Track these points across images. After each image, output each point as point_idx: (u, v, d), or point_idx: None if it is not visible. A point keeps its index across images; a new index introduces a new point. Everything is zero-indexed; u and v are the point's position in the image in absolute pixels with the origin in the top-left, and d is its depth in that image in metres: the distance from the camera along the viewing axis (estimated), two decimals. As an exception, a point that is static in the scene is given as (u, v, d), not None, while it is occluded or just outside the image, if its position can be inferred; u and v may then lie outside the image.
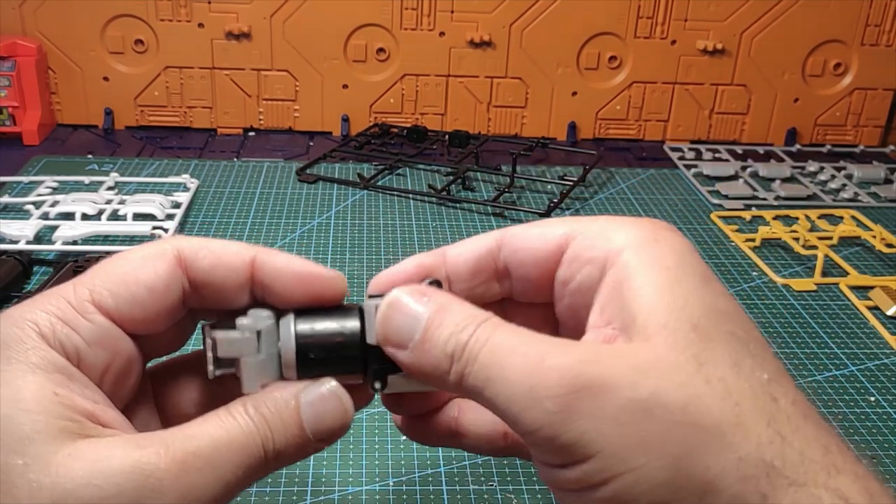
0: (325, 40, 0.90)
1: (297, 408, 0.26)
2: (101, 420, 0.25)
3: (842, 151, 0.96)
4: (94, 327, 0.26)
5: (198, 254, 0.27)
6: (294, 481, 0.43)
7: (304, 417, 0.26)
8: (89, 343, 0.26)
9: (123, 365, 0.27)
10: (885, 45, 0.94)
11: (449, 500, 0.42)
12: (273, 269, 0.27)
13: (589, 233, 0.27)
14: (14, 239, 0.63)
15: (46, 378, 0.24)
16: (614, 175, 0.85)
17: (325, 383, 0.27)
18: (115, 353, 0.27)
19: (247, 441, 0.25)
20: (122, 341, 0.27)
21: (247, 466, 0.25)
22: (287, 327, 0.27)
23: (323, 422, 0.26)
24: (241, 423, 0.25)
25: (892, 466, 0.46)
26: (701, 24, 0.92)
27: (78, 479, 0.22)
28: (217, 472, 0.24)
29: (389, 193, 0.78)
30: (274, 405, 0.26)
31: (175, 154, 0.86)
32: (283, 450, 0.25)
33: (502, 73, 0.93)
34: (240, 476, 0.25)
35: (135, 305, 0.27)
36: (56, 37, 0.88)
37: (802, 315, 0.60)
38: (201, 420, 0.25)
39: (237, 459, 0.25)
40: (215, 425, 0.25)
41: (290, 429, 0.26)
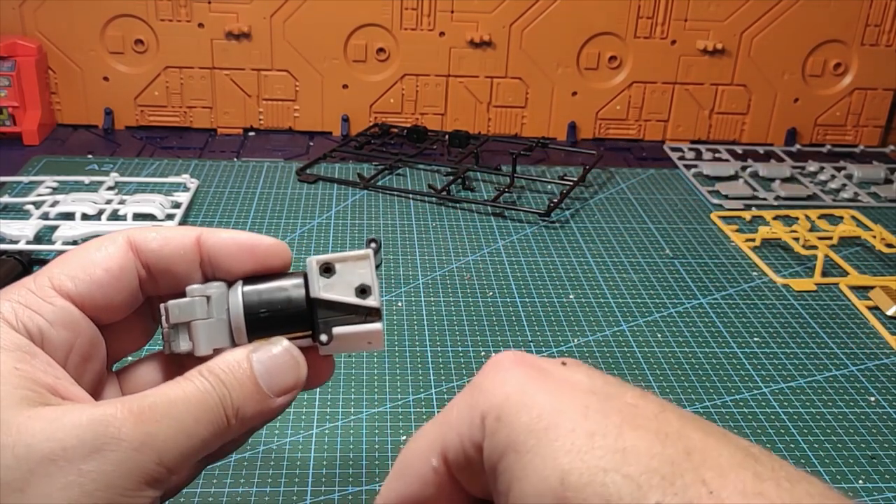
0: (325, 40, 0.90)
1: (249, 366, 0.27)
2: (62, 394, 0.25)
3: (842, 151, 0.96)
4: (55, 309, 0.27)
5: (146, 236, 0.29)
6: (294, 481, 0.43)
7: (257, 374, 0.27)
8: (52, 324, 0.27)
9: (86, 346, 0.28)
10: (885, 45, 0.94)
11: (449, 500, 0.42)
12: (217, 242, 0.29)
13: None
14: (14, 239, 0.63)
15: (7, 355, 0.25)
16: (614, 175, 0.85)
17: (275, 342, 0.28)
18: (77, 334, 0.28)
19: (203, 399, 0.26)
20: (84, 323, 0.28)
21: (208, 423, 0.26)
22: (235, 291, 0.29)
23: (277, 377, 0.28)
24: (196, 384, 0.26)
25: (892, 466, 0.46)
26: (701, 24, 0.92)
27: (38, 434, 0.23)
28: (177, 423, 0.25)
29: (389, 193, 0.78)
30: (227, 365, 0.27)
31: (175, 154, 0.86)
32: (242, 407, 0.27)
33: (502, 73, 0.93)
34: (203, 433, 0.26)
35: (93, 286, 0.28)
36: (56, 37, 0.88)
37: (802, 315, 0.60)
38: (161, 386, 0.26)
39: (196, 415, 0.26)
40: (171, 387, 0.26)
41: (246, 385, 0.27)
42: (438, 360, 0.53)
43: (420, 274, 0.64)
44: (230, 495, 0.41)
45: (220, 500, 0.41)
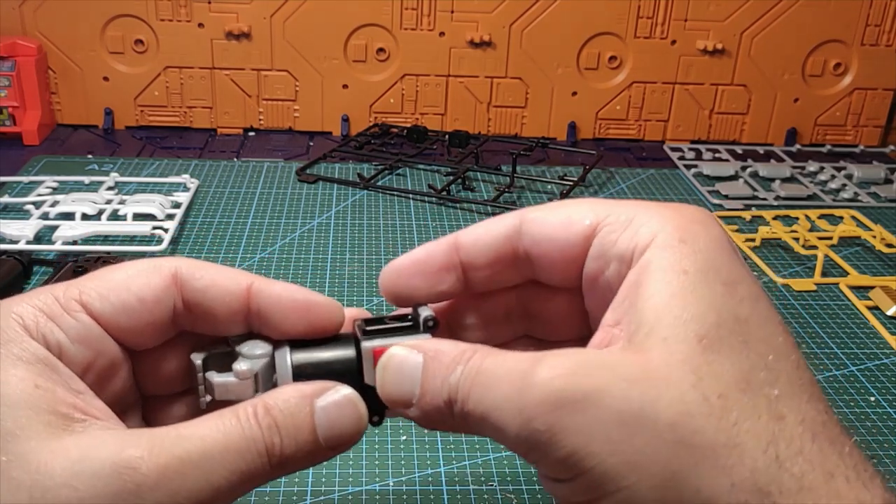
0: (325, 40, 0.90)
1: (311, 412, 0.25)
2: (85, 410, 0.24)
3: (842, 151, 0.96)
4: (77, 325, 0.26)
5: (194, 273, 0.27)
6: (294, 481, 0.43)
7: (317, 422, 0.25)
8: (72, 339, 0.26)
9: (106, 366, 0.27)
10: (885, 45, 0.94)
11: (449, 500, 0.42)
12: (270, 297, 0.27)
13: (616, 224, 0.26)
14: (14, 239, 0.63)
15: (27, 369, 0.24)
16: (614, 175, 0.85)
17: (342, 389, 0.26)
18: (98, 353, 0.26)
19: (246, 446, 0.24)
20: (106, 343, 0.27)
21: (243, 472, 0.24)
22: (283, 360, 0.27)
23: (337, 429, 0.25)
24: (243, 427, 0.24)
25: (892, 466, 0.46)
26: (701, 24, 0.92)
27: (57, 478, 0.22)
28: (206, 476, 0.23)
29: (389, 193, 0.78)
30: (287, 408, 0.25)
31: (175, 154, 0.86)
32: (291, 456, 0.25)
33: (502, 73, 0.93)
34: (234, 482, 0.24)
35: (122, 311, 0.26)
36: (56, 37, 0.88)
37: (802, 315, 0.60)
38: (201, 419, 0.24)
39: (232, 465, 0.24)
40: (213, 427, 0.24)
41: (302, 434, 0.25)
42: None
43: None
44: (230, 495, 0.41)
45: (220, 500, 0.41)
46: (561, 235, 0.27)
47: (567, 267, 0.28)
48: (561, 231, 0.27)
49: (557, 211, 0.27)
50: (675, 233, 0.25)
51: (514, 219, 0.28)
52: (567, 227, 0.27)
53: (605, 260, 0.26)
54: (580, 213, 0.27)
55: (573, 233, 0.27)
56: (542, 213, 0.28)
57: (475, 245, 0.28)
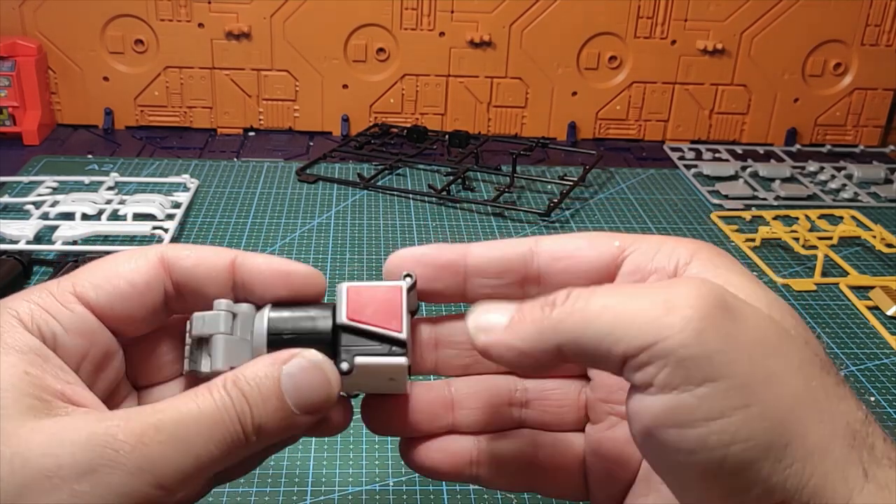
0: (325, 40, 0.90)
1: (276, 379, 0.26)
2: (72, 399, 0.25)
3: (842, 151, 0.96)
4: (72, 315, 0.27)
5: (179, 254, 0.28)
6: (294, 481, 0.43)
7: (284, 389, 0.26)
8: (67, 330, 0.26)
9: (101, 356, 0.27)
10: (885, 45, 0.94)
11: (449, 500, 0.42)
12: (253, 267, 0.28)
13: (647, 248, 0.27)
14: (14, 239, 0.63)
15: (19, 358, 0.24)
16: (614, 175, 0.85)
17: (307, 353, 0.26)
18: (93, 343, 0.27)
19: (219, 416, 0.24)
20: (101, 332, 0.27)
21: (220, 441, 0.24)
22: (261, 313, 0.28)
23: (305, 393, 0.26)
24: (215, 398, 0.25)
25: (892, 466, 0.46)
26: (701, 24, 0.92)
27: (35, 447, 0.23)
28: (183, 445, 0.24)
29: (389, 193, 0.78)
30: (253, 378, 0.25)
31: (175, 154, 0.86)
32: (264, 424, 0.25)
33: (502, 73, 0.93)
34: (213, 451, 0.24)
35: (115, 297, 0.27)
36: (56, 37, 0.88)
37: (802, 315, 0.60)
38: (177, 396, 0.25)
39: (208, 434, 0.24)
40: (187, 401, 0.25)
41: (270, 402, 0.25)
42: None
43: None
44: (230, 495, 0.41)
45: (220, 500, 0.41)
46: (588, 253, 0.28)
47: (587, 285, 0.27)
48: (588, 250, 0.28)
49: (578, 237, 0.28)
50: (711, 253, 0.26)
51: (530, 241, 0.29)
52: (593, 247, 0.28)
53: (640, 275, 0.27)
54: (605, 237, 0.28)
55: (602, 252, 0.27)
56: (560, 238, 0.29)
57: (486, 254, 0.29)
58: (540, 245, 0.28)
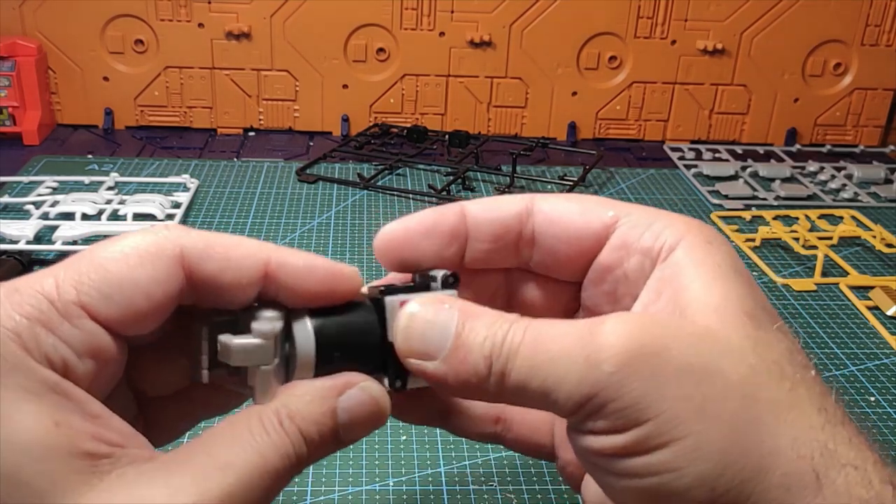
0: (325, 40, 0.90)
1: (333, 415, 0.24)
2: (107, 439, 0.22)
3: (842, 151, 0.96)
4: (82, 335, 0.23)
5: (202, 255, 0.24)
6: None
7: (340, 423, 0.24)
8: (78, 354, 0.22)
9: (113, 371, 0.24)
10: (885, 45, 0.94)
11: (449, 500, 0.42)
12: (293, 272, 0.25)
13: (638, 222, 0.27)
14: (14, 239, 0.63)
15: (40, 404, 0.21)
16: (614, 175, 0.85)
17: (363, 385, 0.25)
18: (105, 363, 0.24)
19: (281, 461, 0.23)
20: (111, 347, 0.24)
21: (280, 482, 0.23)
22: (304, 327, 0.25)
23: (359, 428, 0.25)
24: (274, 440, 0.23)
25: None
26: (701, 24, 0.92)
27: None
28: (253, 499, 0.22)
29: (389, 193, 0.78)
30: (310, 414, 0.23)
31: (175, 154, 0.86)
32: (314, 458, 0.24)
33: (502, 73, 0.93)
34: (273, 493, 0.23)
35: (128, 312, 0.23)
36: (56, 37, 0.88)
37: (802, 315, 0.60)
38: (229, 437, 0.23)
39: (271, 481, 0.23)
40: (247, 447, 0.22)
41: (326, 438, 0.24)
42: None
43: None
44: (230, 495, 0.41)
45: (220, 500, 0.41)
46: (578, 221, 0.27)
47: (576, 253, 0.28)
48: (578, 217, 0.27)
49: (574, 200, 0.28)
50: (701, 235, 0.26)
51: (526, 199, 0.28)
52: (585, 214, 0.27)
53: (626, 251, 0.26)
54: (600, 205, 0.27)
55: (592, 221, 0.27)
56: (557, 200, 0.28)
57: (484, 215, 0.28)
58: (536, 205, 0.28)
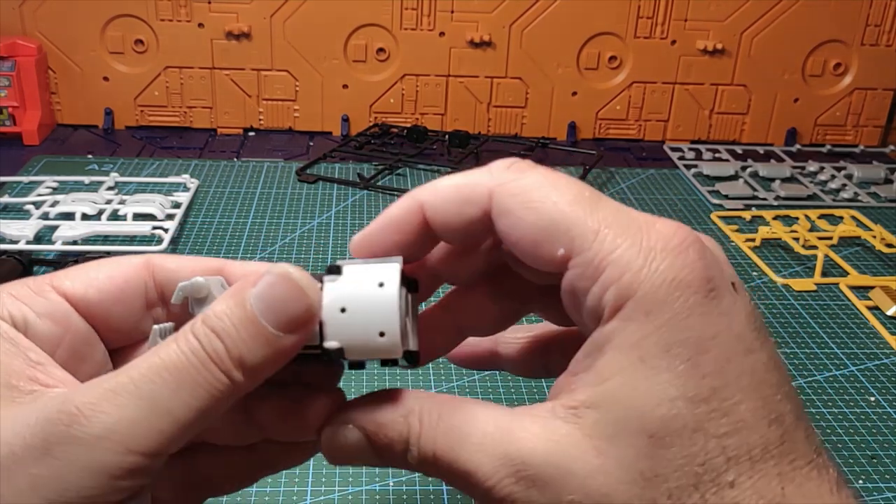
0: (325, 40, 0.90)
1: (245, 303, 0.23)
2: (40, 380, 0.24)
3: (842, 151, 0.96)
4: (45, 302, 0.26)
5: (166, 259, 0.28)
6: (294, 481, 0.43)
7: (257, 311, 0.23)
8: (39, 315, 0.26)
9: (79, 343, 0.27)
10: (885, 45, 0.94)
11: (449, 500, 0.42)
12: (242, 274, 0.28)
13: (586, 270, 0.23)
14: (14, 239, 0.63)
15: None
16: (614, 175, 0.85)
17: (276, 268, 0.24)
18: (67, 329, 0.26)
19: (188, 361, 0.22)
20: (76, 320, 0.27)
21: (196, 388, 0.22)
22: None
23: (280, 309, 0.23)
24: (180, 345, 0.23)
25: (892, 466, 0.46)
26: (701, 24, 0.92)
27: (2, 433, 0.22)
28: (149, 403, 0.22)
29: (389, 193, 0.78)
30: (221, 310, 0.23)
31: (175, 154, 0.86)
32: (245, 356, 0.23)
33: (502, 73, 0.93)
34: (191, 402, 0.22)
35: (90, 289, 0.27)
36: (56, 37, 0.88)
37: (802, 315, 0.60)
38: (137, 359, 0.23)
39: (177, 384, 0.22)
40: (149, 356, 0.23)
41: (245, 329, 0.23)
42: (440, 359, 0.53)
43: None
44: (230, 495, 0.41)
45: (219, 500, 0.41)
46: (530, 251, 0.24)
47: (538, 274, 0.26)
48: (531, 247, 0.24)
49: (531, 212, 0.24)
50: (643, 302, 0.22)
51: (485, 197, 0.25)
52: (537, 245, 0.24)
53: (577, 302, 0.24)
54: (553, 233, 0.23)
55: (544, 256, 0.24)
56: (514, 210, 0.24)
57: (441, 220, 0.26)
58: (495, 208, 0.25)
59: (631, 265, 0.22)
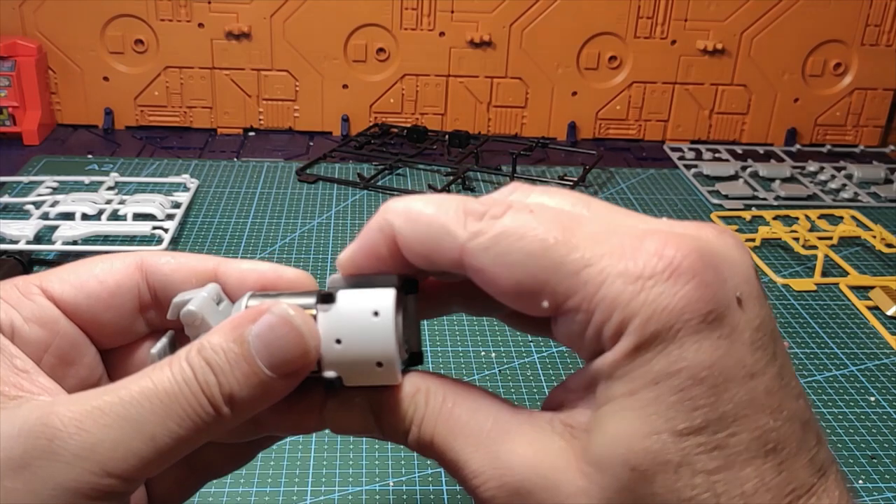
0: (325, 40, 0.90)
1: (242, 340, 0.23)
2: (23, 388, 0.23)
3: (842, 151, 0.96)
4: (32, 305, 0.26)
5: (159, 259, 0.27)
6: (294, 481, 0.43)
7: (254, 350, 0.23)
8: (26, 319, 0.25)
9: (66, 348, 0.26)
10: (885, 45, 0.94)
11: (449, 500, 0.42)
12: (237, 273, 0.27)
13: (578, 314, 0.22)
14: (14, 239, 0.63)
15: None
16: (614, 175, 0.85)
17: (275, 308, 0.23)
18: (55, 334, 0.26)
19: (178, 389, 0.22)
20: (64, 324, 0.26)
21: (182, 417, 0.22)
22: (240, 301, 0.26)
23: (277, 352, 0.23)
24: (174, 371, 0.22)
25: (892, 466, 0.46)
26: (701, 24, 0.92)
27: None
28: (133, 426, 0.22)
29: (389, 193, 0.78)
30: (219, 342, 0.23)
31: (175, 154, 0.86)
32: (236, 393, 0.23)
33: (502, 73, 0.93)
34: (175, 430, 0.22)
35: (80, 293, 0.26)
36: (56, 37, 0.88)
37: (802, 315, 0.60)
38: (127, 378, 0.23)
39: (164, 411, 0.22)
40: (140, 377, 0.23)
41: (239, 366, 0.23)
42: (439, 359, 0.53)
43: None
44: (230, 495, 0.41)
45: (220, 500, 0.41)
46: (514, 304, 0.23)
47: None
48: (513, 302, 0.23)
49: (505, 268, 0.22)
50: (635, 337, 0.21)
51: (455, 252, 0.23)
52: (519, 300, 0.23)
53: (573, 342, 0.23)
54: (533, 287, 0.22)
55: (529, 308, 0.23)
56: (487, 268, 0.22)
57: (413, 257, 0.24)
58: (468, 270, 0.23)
59: (619, 300, 0.21)
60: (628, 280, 0.21)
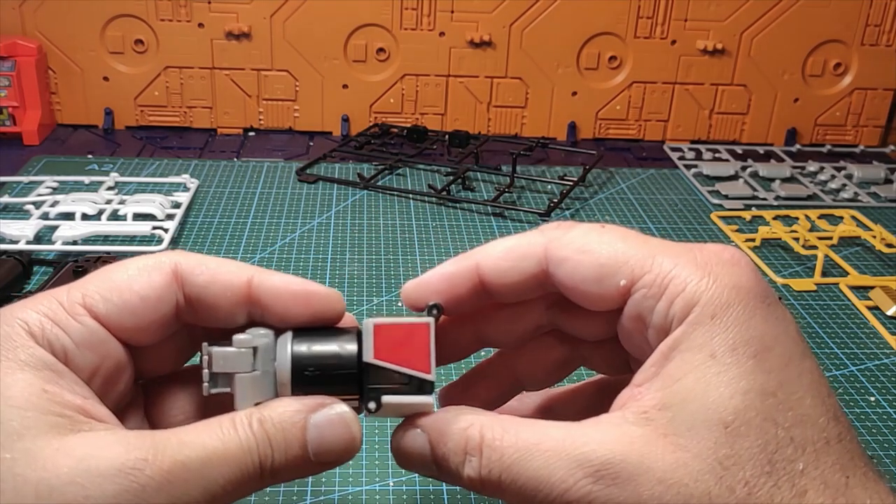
0: (325, 40, 0.90)
1: (303, 427, 0.26)
2: (91, 414, 0.25)
3: (842, 151, 0.96)
4: (83, 329, 0.26)
5: (194, 269, 0.28)
6: (294, 481, 0.43)
7: (308, 438, 0.26)
8: (77, 344, 0.26)
9: (112, 370, 0.27)
10: (885, 45, 0.94)
11: (449, 500, 0.42)
12: (271, 288, 0.28)
13: (652, 286, 0.25)
14: (14, 239, 0.63)
15: (35, 375, 0.24)
16: (614, 175, 0.85)
17: (336, 406, 0.26)
18: (104, 357, 0.27)
19: (242, 456, 0.25)
20: (111, 346, 0.27)
21: (238, 481, 0.25)
22: (284, 345, 0.27)
23: (327, 445, 0.26)
24: (240, 436, 0.25)
25: (892, 466, 0.46)
26: (701, 24, 0.92)
27: (63, 475, 0.22)
28: (205, 483, 0.24)
29: (389, 193, 0.78)
30: (280, 422, 0.25)
31: (175, 154, 0.86)
32: (281, 469, 0.25)
33: (502, 73, 0.93)
34: (229, 490, 0.24)
35: (125, 312, 0.27)
36: (56, 37, 0.88)
37: (802, 315, 0.60)
38: (201, 425, 0.25)
39: (228, 473, 0.24)
40: (212, 435, 0.25)
41: (293, 448, 0.26)
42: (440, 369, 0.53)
43: (420, 274, 0.64)
44: (230, 495, 0.41)
45: (220, 500, 0.41)
46: (593, 290, 0.27)
47: (597, 318, 0.28)
48: (594, 286, 0.27)
49: (590, 253, 0.27)
50: (709, 307, 0.24)
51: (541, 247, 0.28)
52: (599, 282, 0.26)
53: (643, 323, 0.26)
54: (613, 267, 0.26)
55: (607, 291, 0.26)
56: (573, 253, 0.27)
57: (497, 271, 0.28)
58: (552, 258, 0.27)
59: (692, 277, 0.25)
60: (697, 265, 0.25)
